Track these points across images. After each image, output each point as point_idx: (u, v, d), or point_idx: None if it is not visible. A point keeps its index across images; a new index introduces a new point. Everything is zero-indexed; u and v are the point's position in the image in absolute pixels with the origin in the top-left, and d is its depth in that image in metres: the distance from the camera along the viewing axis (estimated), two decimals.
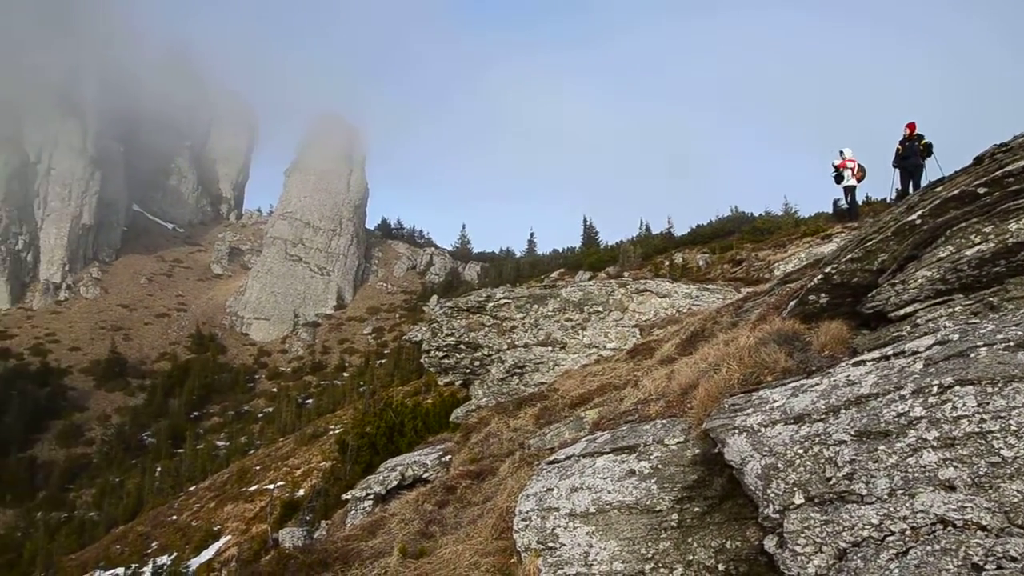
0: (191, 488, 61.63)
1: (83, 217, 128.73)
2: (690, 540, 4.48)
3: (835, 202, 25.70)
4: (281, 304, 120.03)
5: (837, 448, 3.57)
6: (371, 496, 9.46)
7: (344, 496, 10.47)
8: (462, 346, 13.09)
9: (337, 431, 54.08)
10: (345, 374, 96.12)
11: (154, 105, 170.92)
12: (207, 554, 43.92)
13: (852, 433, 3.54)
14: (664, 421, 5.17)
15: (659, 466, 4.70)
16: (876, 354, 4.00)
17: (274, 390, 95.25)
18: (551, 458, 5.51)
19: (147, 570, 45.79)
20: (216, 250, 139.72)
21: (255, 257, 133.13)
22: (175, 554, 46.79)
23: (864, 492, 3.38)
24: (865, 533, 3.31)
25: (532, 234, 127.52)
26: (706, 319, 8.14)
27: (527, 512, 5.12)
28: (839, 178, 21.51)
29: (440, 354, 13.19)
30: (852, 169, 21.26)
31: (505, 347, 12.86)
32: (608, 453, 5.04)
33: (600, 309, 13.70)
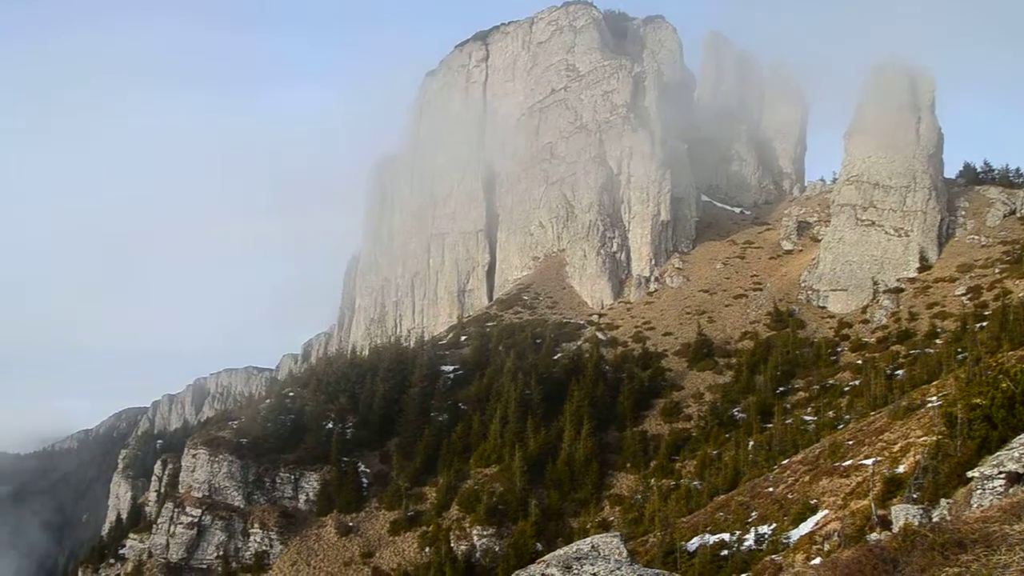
0: (783, 461, 62.48)
1: (661, 215, 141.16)
2: None
3: None
4: (857, 273, 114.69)
5: None
6: (1003, 475, 7.80)
7: (969, 474, 8.89)
8: None
9: (936, 404, 49.47)
10: (938, 341, 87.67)
11: (706, 97, 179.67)
12: (805, 527, 43.95)
13: None
14: None
15: None
16: None
17: (859, 362, 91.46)
18: None
19: (750, 538, 47.73)
20: (784, 226, 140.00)
21: (824, 228, 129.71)
22: (774, 525, 47.82)
23: None
24: None
25: None
26: None
27: None
28: None
29: None
30: None
31: None
32: None
33: None
